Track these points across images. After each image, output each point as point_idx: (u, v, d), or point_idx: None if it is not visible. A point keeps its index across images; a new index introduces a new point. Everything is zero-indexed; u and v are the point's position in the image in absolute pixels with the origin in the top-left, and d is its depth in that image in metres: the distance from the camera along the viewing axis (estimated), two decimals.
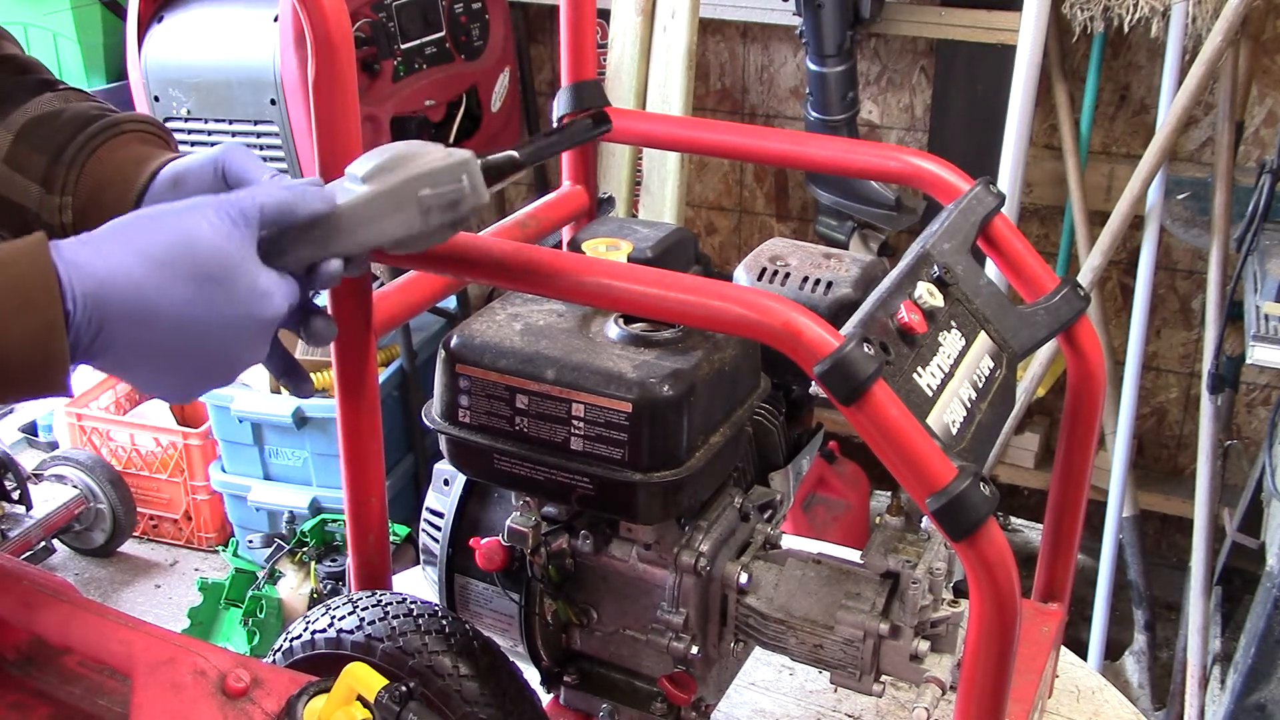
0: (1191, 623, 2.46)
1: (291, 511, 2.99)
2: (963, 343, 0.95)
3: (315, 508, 3.00)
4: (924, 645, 0.99)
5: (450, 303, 3.01)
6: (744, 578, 1.04)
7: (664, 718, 1.11)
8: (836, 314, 1.05)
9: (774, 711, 1.31)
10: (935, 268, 0.96)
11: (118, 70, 2.89)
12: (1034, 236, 2.90)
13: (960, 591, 1.01)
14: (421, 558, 1.20)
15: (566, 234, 1.31)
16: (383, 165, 0.85)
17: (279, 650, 1.05)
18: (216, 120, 2.49)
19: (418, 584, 1.35)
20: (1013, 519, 2.91)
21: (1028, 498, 3.03)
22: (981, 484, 0.81)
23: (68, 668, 0.86)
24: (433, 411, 1.04)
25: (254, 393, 3.02)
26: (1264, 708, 2.09)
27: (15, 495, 3.01)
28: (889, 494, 1.10)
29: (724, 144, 1.22)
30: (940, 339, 0.93)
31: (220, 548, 3.16)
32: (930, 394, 0.89)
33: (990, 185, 1.09)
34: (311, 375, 2.95)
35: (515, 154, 0.94)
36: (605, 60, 2.69)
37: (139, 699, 0.75)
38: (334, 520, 2.90)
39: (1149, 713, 2.68)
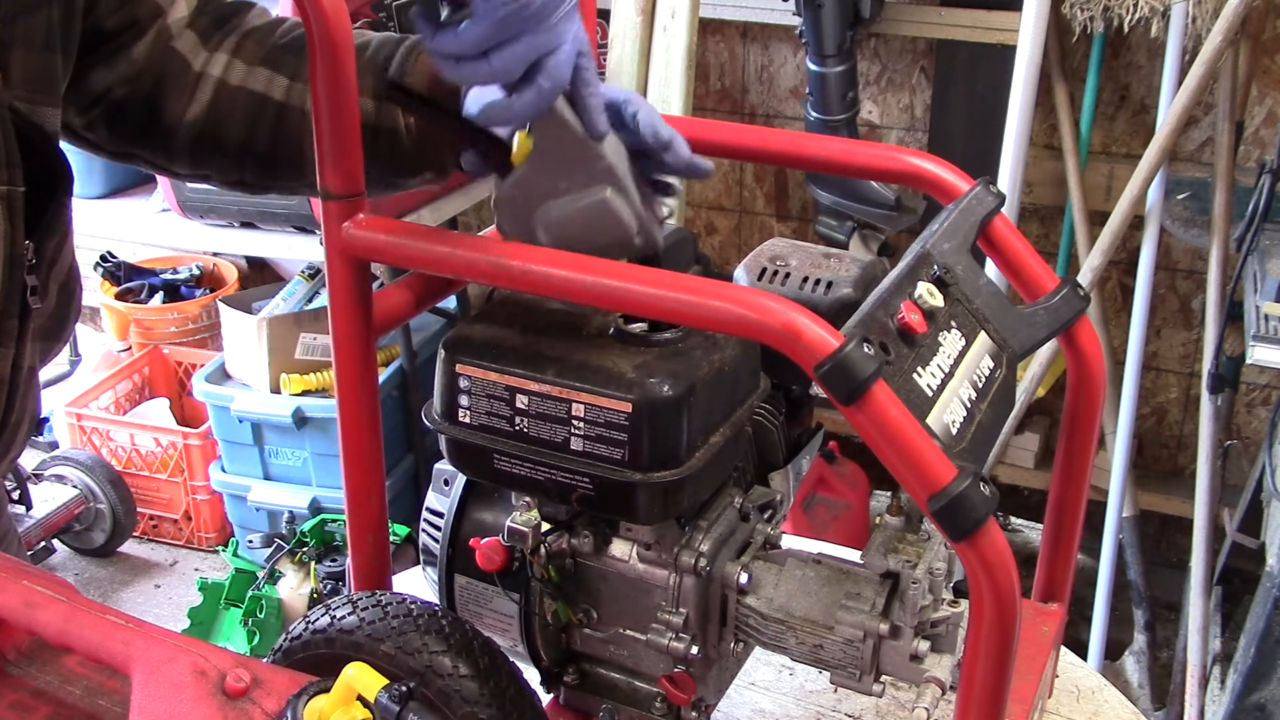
0: (1191, 623, 2.46)
1: (291, 511, 2.99)
2: (963, 343, 0.95)
3: (315, 508, 3.00)
4: (924, 645, 0.99)
5: (450, 303, 3.01)
6: (744, 578, 1.04)
7: (664, 718, 1.11)
8: (836, 314, 1.05)
9: (774, 711, 1.31)
10: (935, 268, 0.96)
11: None
12: (1034, 236, 2.90)
13: (960, 591, 1.01)
14: (421, 558, 1.20)
15: None
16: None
17: (279, 650, 1.05)
18: None
19: (418, 584, 1.35)
20: (1013, 519, 2.91)
21: (1028, 498, 3.03)
22: (981, 484, 0.81)
23: (68, 668, 0.86)
24: (433, 411, 1.04)
25: (254, 393, 3.02)
26: (1264, 708, 2.09)
27: (15, 495, 3.01)
28: (889, 494, 1.10)
29: (724, 144, 1.22)
30: (940, 339, 0.93)
31: (220, 548, 3.16)
32: (930, 394, 0.89)
33: (990, 185, 1.09)
34: (322, 375, 2.93)
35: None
36: (605, 60, 2.69)
37: (139, 699, 0.75)
38: (334, 520, 2.90)
39: (1149, 713, 2.68)
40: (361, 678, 0.74)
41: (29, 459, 3.34)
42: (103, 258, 3.63)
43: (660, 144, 1.01)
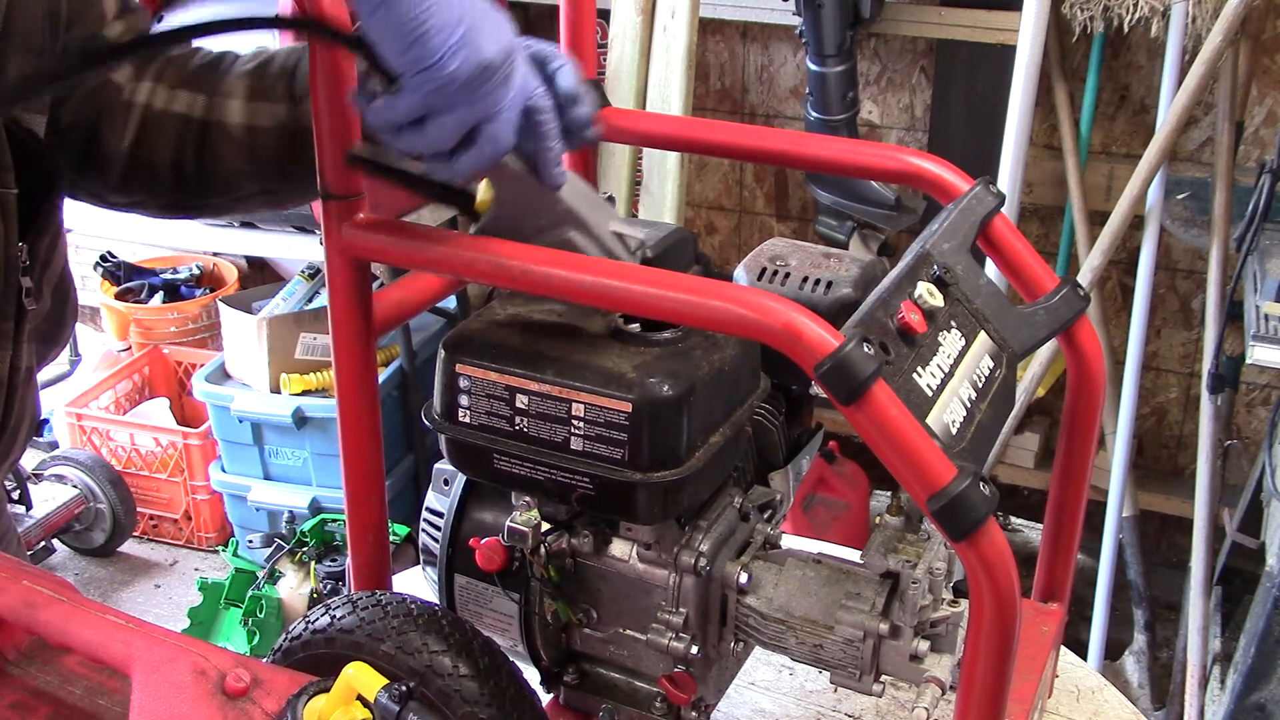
0: (1191, 623, 2.46)
1: (291, 511, 2.99)
2: (963, 343, 0.95)
3: (315, 508, 3.00)
4: (924, 645, 0.99)
5: (450, 303, 3.01)
6: (744, 578, 1.04)
7: (664, 718, 1.11)
8: (836, 314, 1.05)
9: (774, 711, 1.31)
10: (935, 268, 0.96)
11: None
12: (1034, 236, 2.90)
13: (960, 591, 1.01)
14: (421, 558, 1.20)
15: None
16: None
17: (279, 650, 1.05)
18: None
19: (418, 584, 1.34)
20: (1013, 519, 2.91)
21: (1028, 498, 3.03)
22: (981, 484, 0.81)
23: (68, 668, 0.86)
24: (433, 411, 1.04)
25: (254, 393, 3.02)
26: (1264, 708, 2.09)
27: (15, 495, 3.01)
28: (889, 494, 1.10)
29: (724, 144, 1.22)
30: (940, 339, 0.93)
31: (220, 548, 3.16)
32: (930, 394, 0.89)
33: (990, 185, 1.09)
34: (322, 374, 2.92)
35: None
36: (605, 60, 2.69)
37: (139, 699, 0.75)
38: (334, 520, 2.90)
39: (1149, 713, 2.68)
40: (361, 678, 0.74)
41: (29, 459, 3.34)
42: (103, 258, 3.63)
43: (566, 100, 1.00)
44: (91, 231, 3.08)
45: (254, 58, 1.17)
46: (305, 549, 2.86)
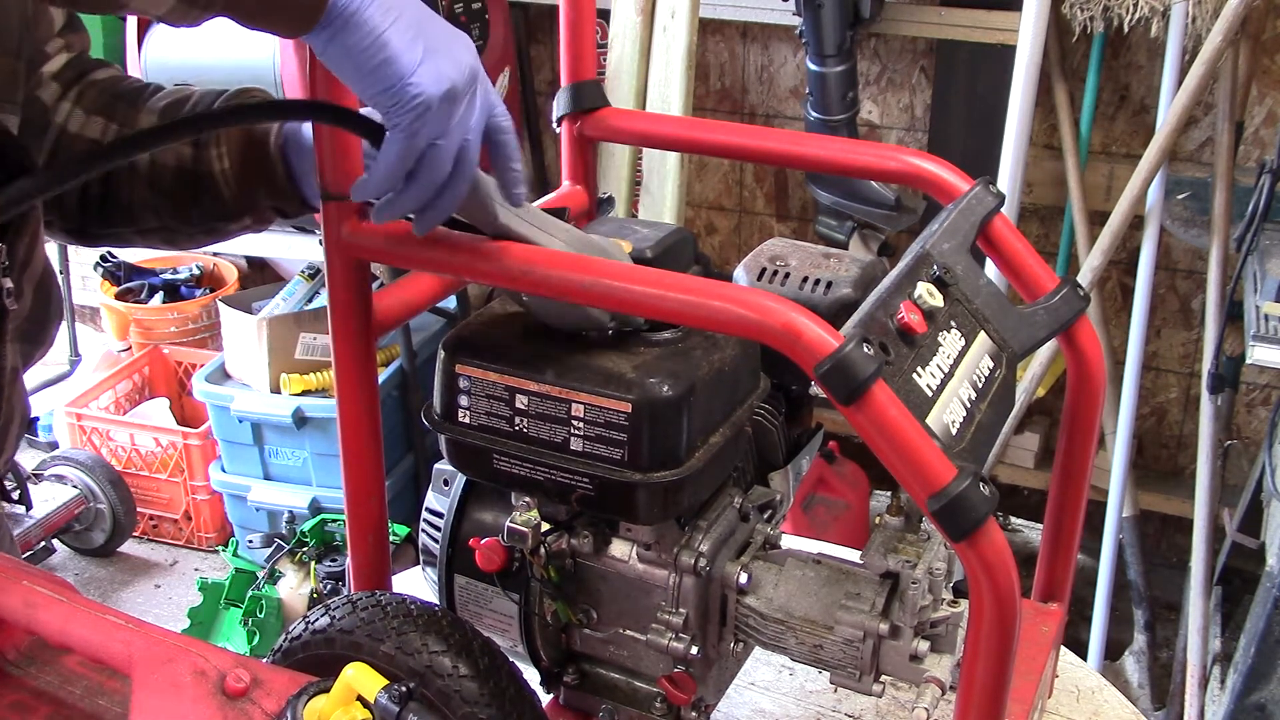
0: (1191, 623, 2.46)
1: (291, 511, 2.99)
2: (962, 343, 0.95)
3: (315, 508, 3.00)
4: (924, 645, 0.99)
5: (450, 303, 3.01)
6: (744, 578, 1.04)
7: (664, 718, 1.11)
8: (836, 314, 1.05)
9: (774, 711, 1.31)
10: (935, 268, 0.96)
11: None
12: (1034, 236, 2.90)
13: (960, 591, 1.01)
14: (421, 558, 1.20)
15: None
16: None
17: (279, 650, 1.05)
18: None
19: (418, 584, 1.34)
20: (1013, 519, 2.91)
21: (1028, 498, 3.03)
22: (981, 484, 0.81)
23: (68, 668, 0.86)
24: (433, 411, 1.04)
25: (254, 393, 3.02)
26: (1264, 708, 2.09)
27: (15, 495, 3.01)
28: (889, 494, 1.10)
29: (724, 144, 1.22)
30: (940, 339, 0.93)
31: (220, 548, 3.16)
32: (930, 394, 0.89)
33: (990, 185, 1.09)
34: (322, 374, 2.93)
35: None
36: (605, 60, 2.69)
37: (139, 699, 0.75)
38: (334, 520, 2.90)
39: (1149, 713, 2.69)
40: (361, 678, 0.74)
41: (29, 459, 3.34)
42: (103, 258, 3.63)
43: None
44: None
45: (171, 94, 1.17)
46: (305, 549, 2.86)
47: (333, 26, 0.82)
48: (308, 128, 1.10)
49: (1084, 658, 2.32)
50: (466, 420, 1.02)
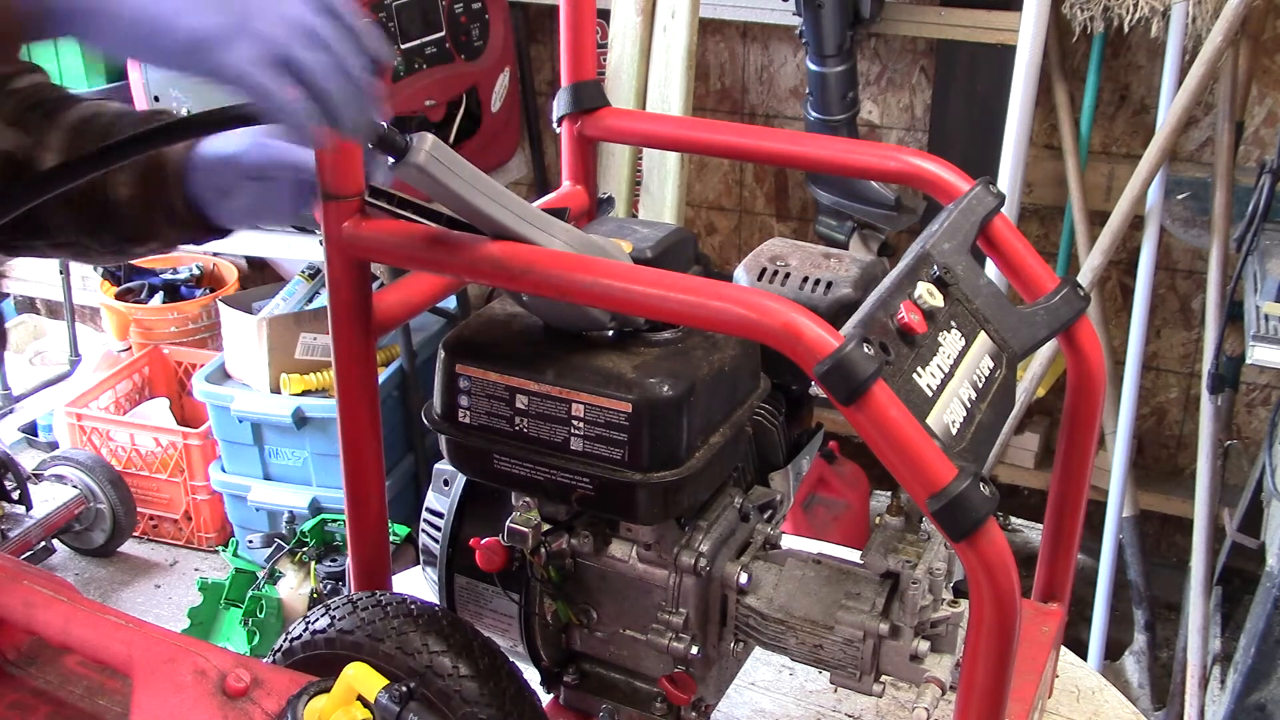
0: (1191, 623, 2.46)
1: (291, 511, 2.99)
2: (963, 343, 0.95)
3: (315, 508, 3.00)
4: (924, 645, 0.99)
5: (450, 303, 3.01)
6: (744, 578, 1.04)
7: (664, 718, 1.11)
8: (836, 314, 1.05)
9: (774, 711, 1.31)
10: (935, 268, 0.96)
11: (118, 70, 2.90)
12: (1034, 236, 2.90)
13: (960, 591, 1.01)
14: (421, 558, 1.20)
15: None
16: None
17: (279, 650, 1.05)
18: None
19: (418, 584, 1.34)
20: (1013, 519, 2.91)
21: (1028, 498, 3.03)
22: (981, 484, 0.81)
23: (68, 668, 0.86)
24: (433, 411, 1.04)
25: (254, 393, 3.02)
26: (1264, 708, 2.09)
27: (15, 495, 3.01)
28: (889, 494, 1.10)
29: (724, 144, 1.22)
30: (940, 339, 0.93)
31: (220, 548, 3.16)
32: (930, 394, 0.89)
33: (990, 185, 1.09)
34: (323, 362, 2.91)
35: None
36: (605, 60, 2.69)
37: (139, 699, 0.75)
38: (334, 520, 2.90)
39: (1149, 713, 2.68)
40: (361, 678, 0.74)
41: (29, 459, 3.34)
42: None
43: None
44: None
45: (84, 109, 1.15)
46: (305, 549, 2.86)
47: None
48: (210, 147, 1.10)
49: (1084, 658, 2.32)
50: (467, 420, 1.02)
